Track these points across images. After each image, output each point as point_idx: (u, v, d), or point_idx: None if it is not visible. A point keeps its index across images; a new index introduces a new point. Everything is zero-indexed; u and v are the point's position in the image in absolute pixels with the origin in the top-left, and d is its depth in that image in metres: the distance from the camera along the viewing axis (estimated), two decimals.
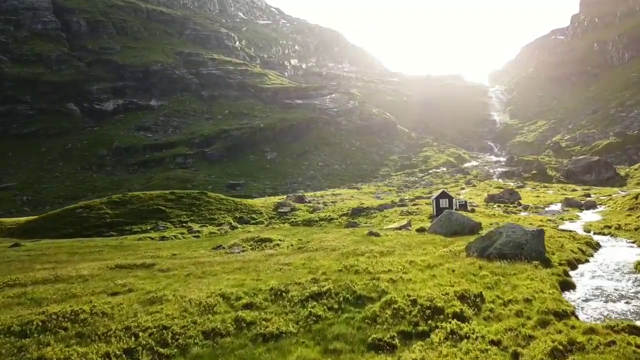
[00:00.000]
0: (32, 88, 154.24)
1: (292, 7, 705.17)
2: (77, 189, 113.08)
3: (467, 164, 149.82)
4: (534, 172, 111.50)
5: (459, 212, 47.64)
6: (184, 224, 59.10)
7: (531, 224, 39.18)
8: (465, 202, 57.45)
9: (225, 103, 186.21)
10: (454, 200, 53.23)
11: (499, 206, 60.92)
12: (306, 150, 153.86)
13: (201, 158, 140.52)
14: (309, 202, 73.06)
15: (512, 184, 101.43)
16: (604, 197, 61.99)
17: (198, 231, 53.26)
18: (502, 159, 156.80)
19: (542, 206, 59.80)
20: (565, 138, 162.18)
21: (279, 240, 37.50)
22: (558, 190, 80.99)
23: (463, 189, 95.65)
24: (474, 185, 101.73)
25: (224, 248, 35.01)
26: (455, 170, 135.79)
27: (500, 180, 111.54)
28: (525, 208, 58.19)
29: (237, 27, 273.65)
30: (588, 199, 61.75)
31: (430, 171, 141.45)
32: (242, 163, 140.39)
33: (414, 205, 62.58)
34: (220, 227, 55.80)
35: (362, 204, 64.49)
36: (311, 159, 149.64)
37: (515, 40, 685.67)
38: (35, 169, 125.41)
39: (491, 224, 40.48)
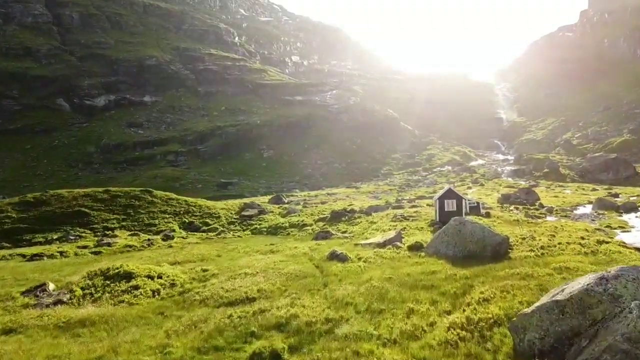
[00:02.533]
0: (19, 83, 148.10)
1: (296, 5, 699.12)
2: (60, 187, 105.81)
3: (473, 163, 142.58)
4: (545, 170, 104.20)
5: (472, 218, 38.82)
6: (108, 232, 47.51)
7: (576, 237, 30.42)
8: (478, 203, 46.29)
9: (222, 99, 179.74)
10: (463, 201, 40.97)
11: (516, 208, 51.24)
12: (305, 148, 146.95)
13: (194, 156, 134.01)
14: (287, 203, 64.50)
15: (523, 182, 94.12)
16: (635, 198, 54.55)
17: (108, 243, 41.06)
18: (510, 157, 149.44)
19: (568, 208, 50.07)
20: (576, 136, 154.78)
21: (157, 275, 23.48)
22: (576, 190, 73.49)
23: (470, 188, 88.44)
24: (482, 185, 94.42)
25: (36, 295, 21.71)
26: (461, 169, 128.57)
27: (510, 179, 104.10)
28: (550, 211, 48.17)
29: (238, 23, 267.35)
30: (617, 199, 53.98)
31: (434, 170, 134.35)
32: (236, 161, 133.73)
33: (413, 207, 52.72)
34: (151, 238, 43.83)
35: (351, 204, 56.13)
36: (310, 157, 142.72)
37: (521, 38, 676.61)
38: (18, 166, 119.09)
39: (523, 238, 28.66)
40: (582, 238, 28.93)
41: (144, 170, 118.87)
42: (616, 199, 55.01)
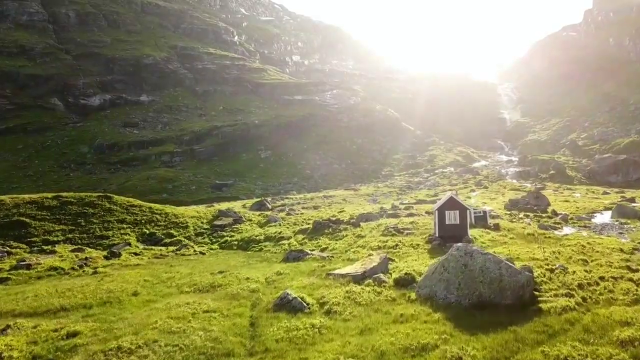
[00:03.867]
0: (13, 82, 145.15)
1: (297, 4, 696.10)
2: (50, 189, 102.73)
3: (476, 164, 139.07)
4: (552, 172, 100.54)
5: (481, 238, 33.26)
6: (47, 247, 38.89)
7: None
8: (485, 212, 40.31)
9: (220, 99, 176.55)
10: (468, 212, 34.25)
11: (526, 216, 45.70)
12: (304, 149, 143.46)
13: (190, 156, 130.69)
14: (270, 210, 59.10)
15: (529, 185, 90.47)
16: None
17: (28, 265, 31.85)
18: (513, 158, 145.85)
19: (584, 216, 44.62)
20: (581, 136, 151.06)
21: None
22: (586, 193, 69.83)
23: (473, 190, 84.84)
24: (486, 187, 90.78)
25: None
26: (463, 170, 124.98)
27: (515, 181, 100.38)
28: (565, 220, 42.74)
29: (238, 22, 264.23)
30: (635, 205, 49.30)
31: (436, 171, 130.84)
32: (233, 162, 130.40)
33: (409, 215, 46.95)
34: (90, 257, 35.41)
35: (342, 210, 52.02)
36: (308, 157, 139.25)
37: (524, 37, 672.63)
38: (8, 167, 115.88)
39: (551, 270, 22.11)
40: (629, 268, 22.77)
41: (137, 172, 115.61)
42: (634, 204, 50.73)
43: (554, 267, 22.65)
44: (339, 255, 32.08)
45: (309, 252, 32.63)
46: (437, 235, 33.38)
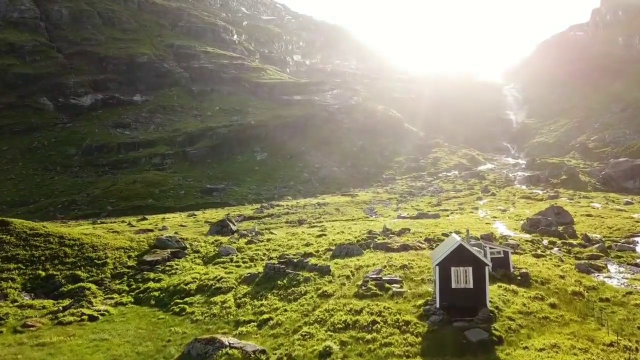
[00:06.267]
0: (0, 80, 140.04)
1: (299, 3, 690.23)
2: (31, 193, 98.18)
3: (481, 167, 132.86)
4: (563, 177, 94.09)
5: (503, 297, 24.00)
6: None
7: None
8: (506, 254, 28.63)
9: (217, 99, 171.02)
10: (487, 268, 22.70)
11: (552, 243, 37.08)
12: (302, 151, 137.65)
13: (182, 158, 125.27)
14: (234, 232, 48.59)
15: (540, 191, 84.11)
16: None
17: None
18: (521, 161, 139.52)
19: (625, 243, 35.67)
20: (592, 138, 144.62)
21: None
22: (606, 203, 63.36)
23: (480, 198, 78.55)
24: (494, 194, 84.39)
25: None
26: (468, 174, 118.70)
27: (524, 187, 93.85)
28: (604, 251, 33.95)
29: (238, 21, 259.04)
30: None
31: (440, 175, 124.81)
32: (227, 164, 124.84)
33: (403, 248, 35.32)
34: None
35: (322, 234, 43.45)
36: (307, 160, 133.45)
37: (529, 37, 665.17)
38: None
39: None
40: None
41: (125, 174, 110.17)
42: None
43: None
44: (279, 343, 21.86)
45: (229, 343, 21.14)
46: (438, 305, 22.72)
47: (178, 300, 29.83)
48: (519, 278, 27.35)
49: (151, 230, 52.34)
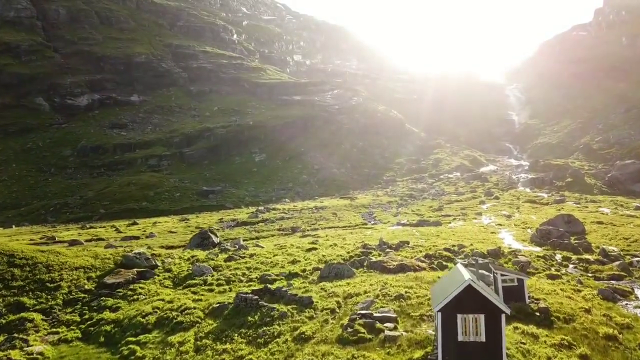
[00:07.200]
0: None
1: (300, 4, 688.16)
2: (23, 195, 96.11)
3: (484, 168, 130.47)
4: (568, 179, 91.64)
5: (521, 347, 18.82)
6: None
7: None
8: (521, 282, 23.72)
9: (215, 99, 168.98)
10: (499, 310, 16.87)
11: (567, 259, 33.94)
12: (301, 152, 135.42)
13: (179, 159, 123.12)
14: (216, 245, 42.78)
15: (545, 195, 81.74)
16: None
17: None
18: (523, 162, 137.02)
19: None
20: (596, 139, 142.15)
21: None
22: (615, 208, 60.75)
23: (483, 202, 76.10)
24: (497, 198, 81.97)
25: None
26: (471, 176, 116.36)
27: (528, 190, 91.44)
28: (626, 270, 30.59)
29: (238, 21, 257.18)
30: None
31: (441, 176, 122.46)
32: (225, 165, 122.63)
33: (400, 269, 30.62)
34: None
35: (314, 247, 36.45)
36: (306, 161, 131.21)
37: (532, 37, 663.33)
38: None
39: None
40: None
41: (120, 176, 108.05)
42: None
43: None
44: None
45: None
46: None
47: (130, 339, 24.84)
48: (538, 314, 22.48)
49: (138, 238, 49.81)
